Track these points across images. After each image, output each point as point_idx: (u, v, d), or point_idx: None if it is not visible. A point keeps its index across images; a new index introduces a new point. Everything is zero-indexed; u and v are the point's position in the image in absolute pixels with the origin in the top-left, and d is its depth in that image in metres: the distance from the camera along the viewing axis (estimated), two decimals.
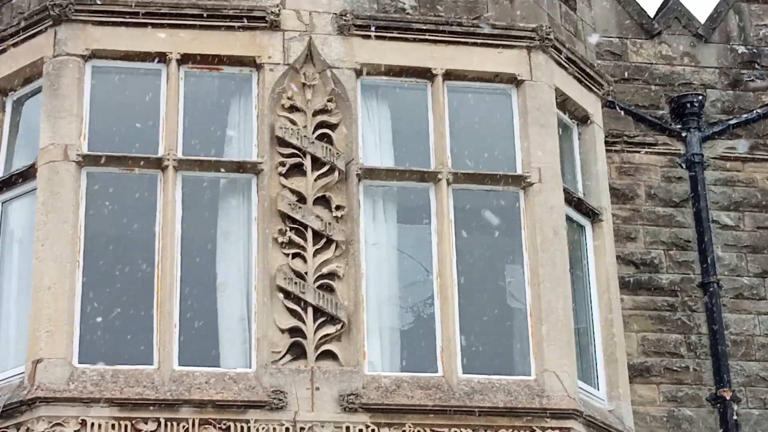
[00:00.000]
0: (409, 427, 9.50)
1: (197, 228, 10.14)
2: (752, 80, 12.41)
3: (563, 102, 11.03)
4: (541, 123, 10.60)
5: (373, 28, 10.49)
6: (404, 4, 10.73)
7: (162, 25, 10.26)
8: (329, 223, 9.95)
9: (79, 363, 9.46)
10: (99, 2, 10.22)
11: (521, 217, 10.41)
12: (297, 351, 9.62)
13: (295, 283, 9.75)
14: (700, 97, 12.17)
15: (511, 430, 9.61)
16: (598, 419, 10.05)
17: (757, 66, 12.54)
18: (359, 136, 10.30)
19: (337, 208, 10.03)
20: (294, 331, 9.66)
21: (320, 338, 9.66)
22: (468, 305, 10.15)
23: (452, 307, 9.96)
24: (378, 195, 10.37)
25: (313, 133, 10.17)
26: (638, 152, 12.04)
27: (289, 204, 9.95)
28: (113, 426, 9.18)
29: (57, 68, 10.12)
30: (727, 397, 11.24)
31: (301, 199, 9.99)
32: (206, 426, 9.29)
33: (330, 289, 9.80)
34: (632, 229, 11.75)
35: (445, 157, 10.36)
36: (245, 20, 10.33)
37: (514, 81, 10.71)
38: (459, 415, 9.57)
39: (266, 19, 10.33)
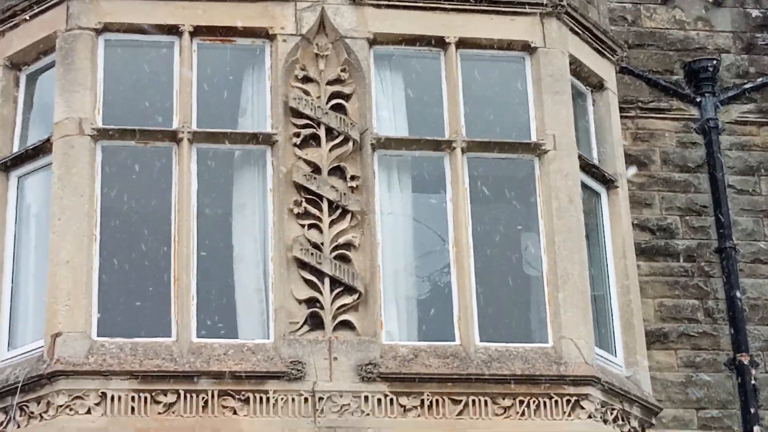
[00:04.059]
0: (428, 395, 9.52)
1: (212, 200, 10.15)
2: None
3: (577, 69, 10.99)
4: (555, 90, 10.56)
5: None
6: None
7: None
8: (344, 194, 9.95)
9: (98, 336, 9.48)
10: None
11: (536, 184, 10.40)
12: (314, 321, 9.64)
13: (312, 253, 9.76)
14: (715, 62, 12.12)
15: (528, 397, 9.62)
16: (616, 385, 10.05)
17: None
18: (373, 105, 10.27)
19: (352, 178, 10.02)
20: (311, 302, 9.68)
21: (337, 308, 9.68)
22: (484, 273, 10.14)
23: (468, 276, 9.96)
24: (393, 164, 10.35)
25: (327, 103, 10.16)
26: (653, 118, 12.00)
27: (304, 175, 9.95)
28: (133, 398, 9.22)
29: (70, 42, 10.11)
30: (745, 362, 11.24)
31: (316, 169, 9.99)
32: (225, 397, 9.32)
33: (346, 260, 9.81)
34: (648, 195, 11.72)
35: (459, 125, 10.34)
36: None
37: (528, 48, 10.67)
38: (477, 383, 9.59)
39: None
